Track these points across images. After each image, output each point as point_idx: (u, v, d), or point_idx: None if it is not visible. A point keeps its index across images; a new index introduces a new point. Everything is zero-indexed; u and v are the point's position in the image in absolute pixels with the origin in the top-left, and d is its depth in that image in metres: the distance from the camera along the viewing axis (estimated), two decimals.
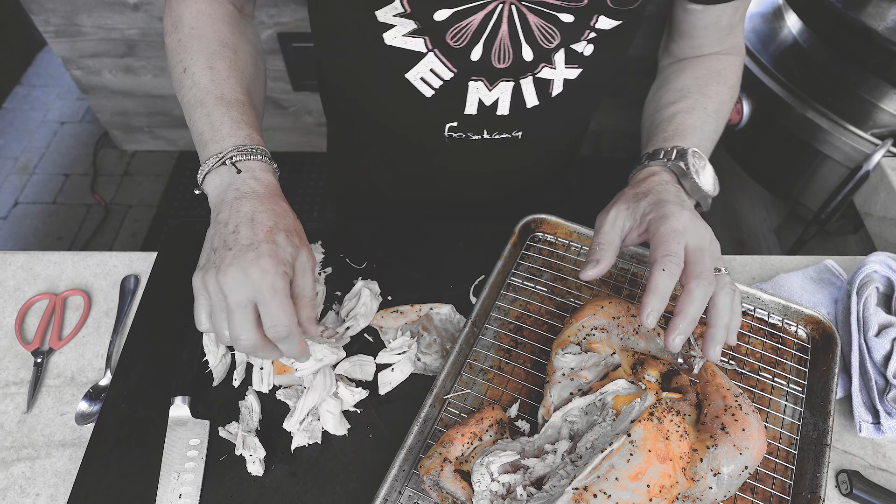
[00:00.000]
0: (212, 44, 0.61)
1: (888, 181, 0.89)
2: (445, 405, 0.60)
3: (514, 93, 0.67)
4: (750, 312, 0.67)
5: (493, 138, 0.71)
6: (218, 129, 0.57)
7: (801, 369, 0.63)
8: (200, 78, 0.60)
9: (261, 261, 0.49)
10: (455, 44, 0.62)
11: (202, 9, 0.63)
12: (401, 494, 0.55)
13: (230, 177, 0.55)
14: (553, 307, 0.68)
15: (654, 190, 0.57)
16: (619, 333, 0.58)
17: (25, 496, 0.58)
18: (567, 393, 0.55)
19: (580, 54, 0.65)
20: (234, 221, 0.52)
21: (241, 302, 0.49)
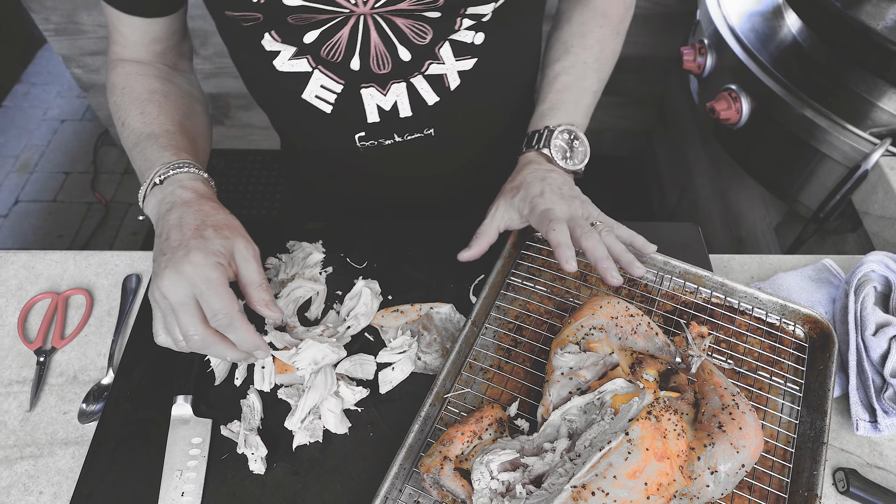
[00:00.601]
0: (142, 94, 0.67)
1: (886, 180, 0.89)
2: (446, 404, 0.60)
3: (411, 93, 0.68)
4: (748, 311, 0.67)
5: (406, 140, 0.73)
6: (149, 159, 0.61)
7: (799, 368, 0.63)
8: (134, 124, 0.65)
9: (189, 256, 0.51)
10: (333, 59, 0.64)
11: (129, 70, 0.69)
12: (401, 492, 0.55)
13: (161, 193, 0.58)
14: (552, 307, 0.68)
15: (526, 182, 0.67)
16: (617, 333, 0.58)
17: (29, 494, 0.59)
18: (566, 392, 0.55)
19: (470, 44, 0.66)
20: (165, 230, 0.55)
21: (182, 300, 0.51)
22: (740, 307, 0.67)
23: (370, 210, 0.89)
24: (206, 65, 2.00)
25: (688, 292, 0.68)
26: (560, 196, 0.64)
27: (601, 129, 2.23)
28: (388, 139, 0.72)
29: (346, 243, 0.75)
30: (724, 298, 0.67)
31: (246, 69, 0.72)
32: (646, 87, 2.02)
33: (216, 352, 0.53)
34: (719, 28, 1.18)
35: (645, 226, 0.77)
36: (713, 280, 0.67)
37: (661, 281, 0.69)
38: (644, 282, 0.69)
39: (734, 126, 1.14)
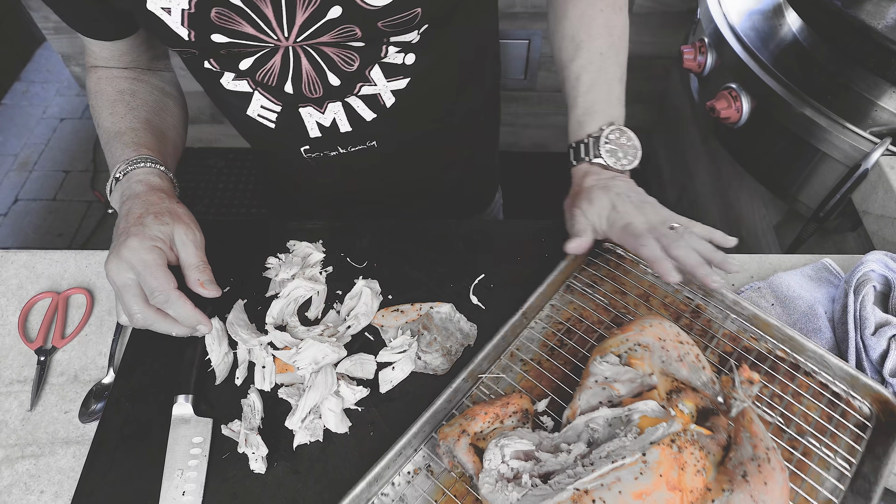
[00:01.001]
0: (111, 95, 0.70)
1: (886, 179, 0.89)
2: (478, 383, 0.61)
3: (348, 111, 0.70)
4: (813, 373, 0.62)
5: (349, 151, 0.75)
6: (114, 156, 0.65)
7: (855, 447, 0.57)
8: (105, 124, 0.68)
9: (128, 241, 0.56)
10: (268, 83, 0.66)
11: (101, 75, 0.72)
12: (416, 452, 0.57)
13: (121, 188, 0.63)
14: (607, 318, 0.67)
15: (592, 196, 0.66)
16: (661, 356, 0.56)
17: (30, 493, 0.59)
18: (596, 401, 0.54)
19: (401, 65, 0.67)
20: (118, 222, 0.60)
21: (124, 282, 0.56)
22: (805, 367, 0.62)
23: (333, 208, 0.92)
24: None
25: (752, 338, 0.64)
26: (633, 205, 0.64)
27: None
28: (333, 151, 0.75)
29: (346, 243, 0.75)
30: (790, 354, 0.63)
31: (203, 84, 0.74)
32: (646, 86, 2.02)
33: (160, 328, 0.57)
34: (719, 27, 1.18)
35: None
36: (782, 332, 0.63)
37: (726, 320, 0.66)
38: (707, 317, 0.66)
39: (734, 125, 1.14)
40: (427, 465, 0.57)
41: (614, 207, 0.64)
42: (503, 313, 0.68)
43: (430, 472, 0.56)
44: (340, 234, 0.76)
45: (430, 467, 0.57)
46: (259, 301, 0.70)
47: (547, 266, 0.72)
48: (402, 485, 0.56)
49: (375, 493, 0.55)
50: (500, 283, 0.71)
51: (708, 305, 0.67)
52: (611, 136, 0.68)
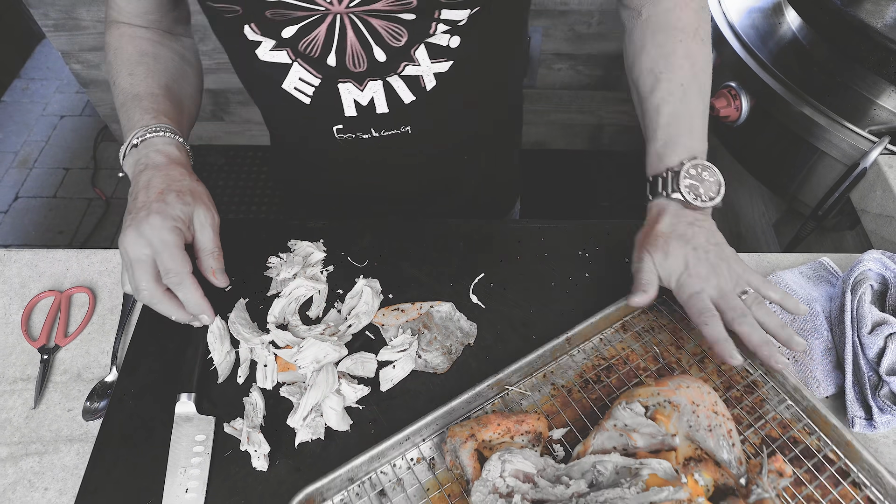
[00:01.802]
0: (132, 56, 0.69)
1: (884, 178, 0.90)
2: (502, 393, 0.61)
3: (387, 91, 0.68)
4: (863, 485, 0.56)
5: (382, 135, 0.73)
6: (131, 119, 0.64)
7: None
8: (122, 84, 0.67)
9: (150, 218, 0.56)
10: (310, 54, 0.65)
11: (123, 31, 0.71)
12: (423, 441, 0.58)
13: (137, 154, 0.62)
14: (654, 367, 0.64)
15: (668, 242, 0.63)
16: (690, 420, 0.53)
17: (34, 490, 0.59)
18: (611, 445, 0.53)
19: (446, 47, 0.66)
20: (135, 190, 0.60)
21: (139, 256, 0.56)
22: (856, 477, 0.56)
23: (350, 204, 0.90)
24: (206, 61, 1.99)
25: (804, 430, 0.59)
26: (708, 266, 0.61)
27: (600, 124, 2.23)
28: (366, 133, 0.73)
29: (346, 242, 0.76)
30: (842, 458, 0.57)
31: (233, 57, 0.73)
32: None
33: (163, 308, 0.58)
34: (719, 25, 1.18)
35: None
36: (839, 434, 0.57)
37: (781, 404, 0.61)
38: (762, 396, 0.61)
39: (734, 123, 1.14)
40: (431, 457, 0.58)
41: (687, 268, 0.61)
42: (503, 312, 0.69)
43: (432, 465, 0.57)
44: (341, 234, 0.77)
45: (433, 460, 0.57)
46: (260, 300, 0.70)
47: (546, 266, 0.72)
48: (402, 469, 0.57)
49: (375, 468, 0.56)
50: (499, 282, 0.72)
51: (765, 384, 0.62)
52: (692, 170, 0.64)
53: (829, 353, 0.68)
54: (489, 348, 0.66)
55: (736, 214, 1.46)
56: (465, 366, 0.65)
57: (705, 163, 0.65)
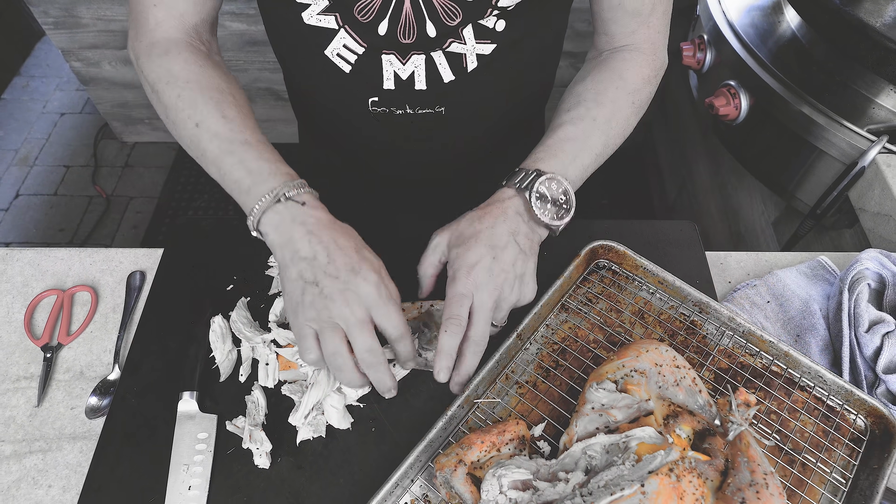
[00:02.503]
0: (213, 93, 0.63)
1: (882, 177, 0.90)
2: (474, 408, 0.61)
3: (429, 67, 0.68)
4: (808, 388, 0.62)
5: (416, 113, 0.73)
6: (258, 173, 0.59)
7: (851, 461, 0.58)
8: (218, 129, 0.61)
9: (368, 277, 0.54)
10: (363, 18, 0.64)
11: (188, 58, 0.65)
12: (412, 483, 0.57)
13: (291, 212, 0.57)
14: (602, 337, 0.67)
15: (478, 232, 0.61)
16: (658, 381, 0.56)
17: (38, 487, 0.60)
18: (593, 427, 0.54)
19: (491, 29, 0.67)
20: (322, 252, 0.55)
21: (363, 318, 0.53)
22: (801, 382, 0.62)
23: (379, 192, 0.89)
24: None
25: (748, 354, 0.65)
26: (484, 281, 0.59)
27: None
28: (400, 109, 0.73)
29: None
30: (786, 369, 0.63)
31: (272, 18, 0.72)
32: None
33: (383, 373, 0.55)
34: (718, 23, 1.18)
35: (642, 224, 0.78)
36: (777, 348, 0.63)
37: (722, 336, 0.66)
38: (702, 333, 0.66)
39: (733, 122, 1.15)
40: (424, 494, 0.56)
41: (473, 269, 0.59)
42: None
43: (428, 503, 0.56)
44: None
45: (428, 497, 0.56)
46: (262, 299, 0.71)
47: (545, 264, 0.73)
48: None
49: None
50: None
51: (704, 322, 0.67)
52: (554, 185, 0.63)
53: (826, 351, 0.69)
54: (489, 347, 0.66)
55: (735, 213, 1.47)
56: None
57: (570, 190, 0.64)
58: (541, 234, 0.65)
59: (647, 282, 0.71)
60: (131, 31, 0.68)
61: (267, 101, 2.18)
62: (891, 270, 0.70)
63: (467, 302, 0.59)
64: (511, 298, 0.61)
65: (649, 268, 0.69)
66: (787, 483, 0.56)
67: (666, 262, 0.71)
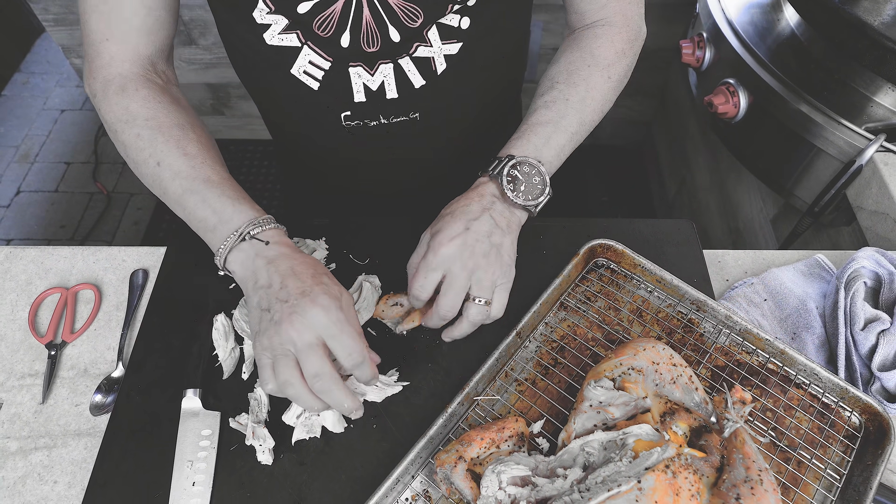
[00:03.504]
0: (173, 130, 0.63)
1: (880, 176, 0.91)
2: (474, 406, 0.62)
3: (398, 74, 0.68)
4: (804, 385, 0.63)
5: (390, 122, 0.73)
6: (221, 212, 0.59)
7: (845, 458, 0.59)
8: (179, 167, 0.61)
9: (318, 300, 0.53)
10: (323, 33, 0.64)
11: (146, 95, 0.64)
12: (413, 479, 0.58)
13: (254, 249, 0.58)
14: (600, 335, 0.67)
15: (455, 213, 0.62)
16: (655, 379, 0.57)
17: (44, 483, 0.61)
18: (591, 424, 0.55)
19: (456, 28, 0.67)
20: (277, 279, 0.55)
21: (311, 342, 0.52)
22: (796, 379, 0.63)
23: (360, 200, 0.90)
24: (206, 55, 2.00)
25: (744, 352, 0.65)
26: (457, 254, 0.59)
27: None
28: (374, 120, 0.73)
29: (348, 240, 0.77)
30: (782, 367, 0.64)
31: (235, 45, 0.72)
32: (646, 77, 2.02)
33: (338, 397, 0.52)
34: (718, 21, 1.18)
35: (641, 222, 0.79)
36: (773, 346, 0.63)
37: (719, 334, 0.67)
38: (700, 331, 0.67)
39: (732, 120, 1.15)
40: (425, 490, 0.57)
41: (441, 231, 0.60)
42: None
43: (429, 499, 0.57)
44: (343, 232, 0.77)
45: (428, 493, 0.57)
46: None
47: (545, 264, 0.73)
48: None
49: None
50: None
51: (701, 320, 0.68)
52: (525, 167, 0.64)
53: (822, 348, 0.69)
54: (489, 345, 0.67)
55: (734, 210, 1.47)
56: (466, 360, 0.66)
57: (543, 170, 0.64)
58: (519, 217, 0.65)
59: (645, 280, 0.71)
60: (86, 69, 0.66)
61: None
62: (887, 269, 0.71)
63: (433, 276, 0.59)
64: (490, 270, 0.60)
65: (647, 266, 0.70)
66: (782, 479, 0.57)
67: (664, 261, 0.71)
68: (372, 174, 0.85)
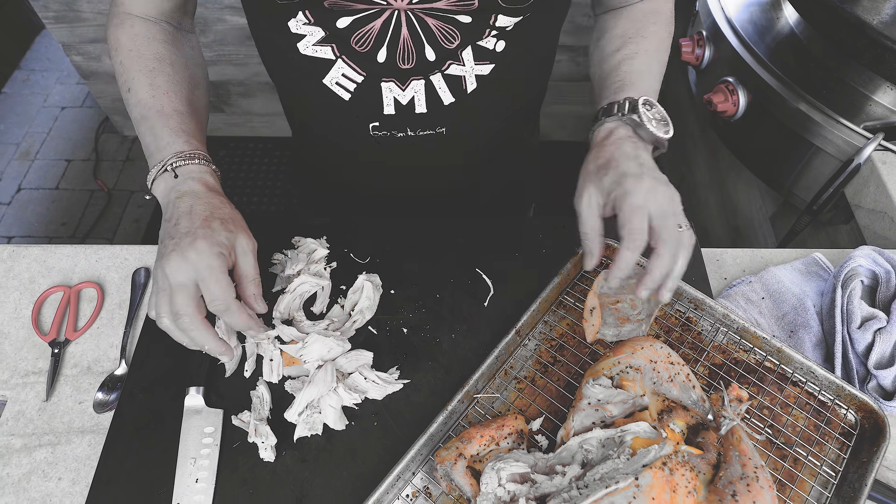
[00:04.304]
0: (150, 62, 0.66)
1: (878, 174, 0.91)
2: (473, 403, 0.62)
3: (428, 91, 0.69)
4: (800, 383, 0.64)
5: (417, 135, 0.74)
6: (159, 139, 0.63)
7: (841, 455, 0.60)
8: (142, 95, 0.65)
9: (196, 243, 0.55)
10: (360, 48, 0.65)
11: (138, 31, 0.68)
12: (414, 475, 0.58)
13: (172, 181, 0.60)
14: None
15: (614, 158, 0.60)
16: (653, 377, 0.58)
17: (48, 480, 0.61)
18: (590, 421, 0.55)
19: (491, 50, 0.67)
20: (175, 216, 0.58)
21: (182, 282, 0.54)
22: (793, 377, 0.64)
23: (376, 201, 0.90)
24: (207, 52, 2.00)
25: (741, 350, 0.66)
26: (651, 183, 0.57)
27: None
28: (401, 132, 0.74)
29: (349, 239, 0.77)
30: (779, 365, 0.65)
31: (268, 47, 0.73)
32: None
33: (198, 337, 0.56)
34: (717, 20, 1.18)
35: None
36: (770, 344, 0.64)
37: (716, 333, 0.67)
38: (697, 330, 0.68)
39: (731, 118, 1.15)
40: (425, 486, 0.58)
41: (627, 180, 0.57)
42: (501, 307, 0.71)
43: (429, 495, 0.58)
44: (344, 231, 0.78)
45: (429, 489, 0.58)
46: (266, 296, 0.71)
47: (545, 263, 0.74)
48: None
49: None
50: (498, 278, 0.74)
51: (699, 319, 0.69)
52: (648, 105, 0.63)
53: (819, 346, 0.70)
54: (489, 343, 0.68)
55: (734, 207, 1.48)
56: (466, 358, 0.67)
57: (660, 107, 0.65)
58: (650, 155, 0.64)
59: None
60: (109, 13, 0.72)
61: (266, 95, 2.18)
62: (884, 267, 0.71)
63: (645, 213, 0.56)
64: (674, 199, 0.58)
65: (645, 264, 0.70)
66: (778, 476, 0.58)
67: None
68: (389, 177, 0.86)
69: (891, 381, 0.65)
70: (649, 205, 0.56)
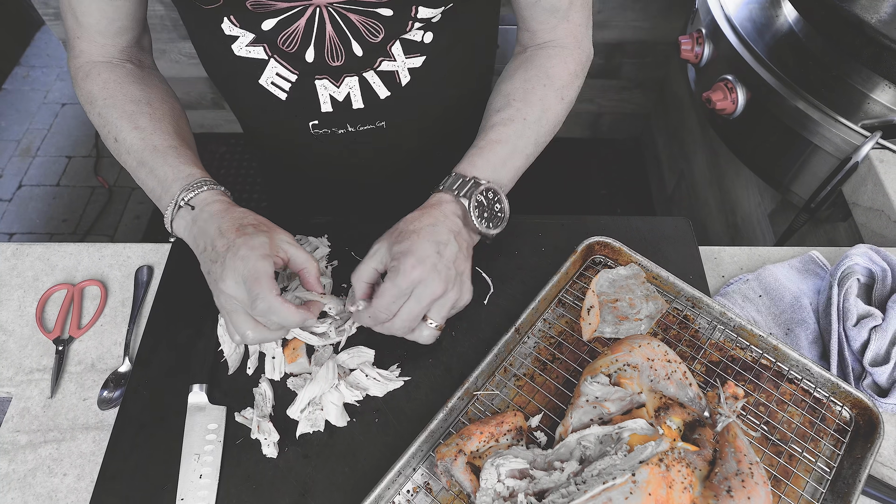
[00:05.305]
0: (127, 106, 0.67)
1: (875, 173, 0.92)
2: (473, 400, 0.63)
3: (363, 86, 0.70)
4: (796, 381, 0.64)
5: (357, 130, 0.75)
6: (163, 180, 0.63)
7: (835, 451, 0.60)
8: (132, 141, 0.65)
9: (239, 252, 0.55)
10: (288, 49, 0.66)
11: (106, 77, 0.68)
12: (414, 471, 0.59)
13: (189, 215, 0.61)
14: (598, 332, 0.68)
15: (424, 232, 0.59)
16: (650, 375, 0.58)
17: (53, 476, 0.62)
18: (587, 418, 0.56)
19: (419, 42, 0.68)
20: (209, 244, 0.58)
21: (234, 307, 0.56)
22: (789, 375, 0.65)
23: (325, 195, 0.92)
24: None
25: (738, 347, 0.67)
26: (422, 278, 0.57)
27: (599, 112, 2.24)
28: (341, 129, 0.75)
29: (350, 238, 0.78)
30: (775, 362, 0.65)
31: (205, 52, 0.73)
32: (646, 72, 2.03)
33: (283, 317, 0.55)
34: (716, 17, 1.19)
35: (638, 220, 0.80)
36: (766, 342, 0.65)
37: (713, 331, 0.68)
38: (695, 328, 0.68)
39: (730, 116, 1.16)
40: (426, 482, 0.59)
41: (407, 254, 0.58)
42: (501, 306, 0.71)
43: (429, 491, 0.59)
44: (345, 229, 0.79)
45: (429, 485, 0.59)
46: None
47: (544, 261, 0.75)
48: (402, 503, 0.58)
49: None
50: (498, 277, 0.74)
51: (696, 317, 0.69)
52: (490, 194, 0.64)
53: (815, 344, 0.71)
54: (489, 340, 0.68)
55: (733, 204, 1.48)
56: (466, 356, 0.68)
57: (505, 201, 0.65)
58: (474, 240, 0.66)
59: None
60: (67, 54, 0.72)
61: None
62: (880, 266, 0.72)
63: (402, 301, 0.58)
64: (451, 296, 0.60)
65: (644, 263, 0.71)
66: (773, 472, 0.58)
67: (660, 258, 0.73)
68: (335, 170, 0.87)
69: (886, 378, 0.65)
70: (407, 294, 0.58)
